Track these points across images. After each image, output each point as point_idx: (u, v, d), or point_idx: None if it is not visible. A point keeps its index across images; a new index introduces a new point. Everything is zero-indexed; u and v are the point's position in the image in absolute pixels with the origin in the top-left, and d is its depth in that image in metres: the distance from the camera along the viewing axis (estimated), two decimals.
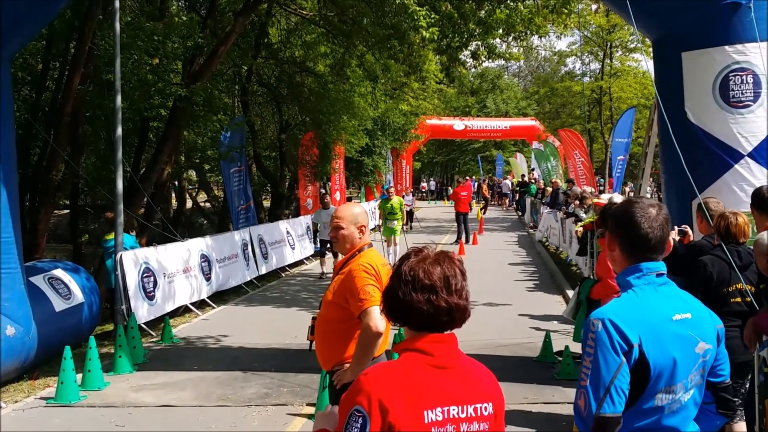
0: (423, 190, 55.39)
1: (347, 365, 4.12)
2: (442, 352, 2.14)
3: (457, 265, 2.23)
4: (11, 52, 8.16)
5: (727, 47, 7.39)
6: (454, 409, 2.07)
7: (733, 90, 7.34)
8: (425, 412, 2.03)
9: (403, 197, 26.95)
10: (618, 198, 11.45)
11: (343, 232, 4.28)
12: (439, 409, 2.05)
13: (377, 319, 3.92)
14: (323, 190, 25.69)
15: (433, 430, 2.04)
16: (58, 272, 9.28)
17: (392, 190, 18.57)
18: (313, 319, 4.47)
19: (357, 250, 4.23)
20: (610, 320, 2.42)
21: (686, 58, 7.62)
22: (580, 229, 13.41)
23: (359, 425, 1.99)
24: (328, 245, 14.85)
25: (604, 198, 12.89)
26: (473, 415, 2.09)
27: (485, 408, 2.11)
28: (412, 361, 2.11)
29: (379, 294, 3.96)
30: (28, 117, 12.26)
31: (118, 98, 9.89)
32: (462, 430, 2.07)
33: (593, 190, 14.73)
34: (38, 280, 8.75)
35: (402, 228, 17.48)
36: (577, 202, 13.26)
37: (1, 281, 7.64)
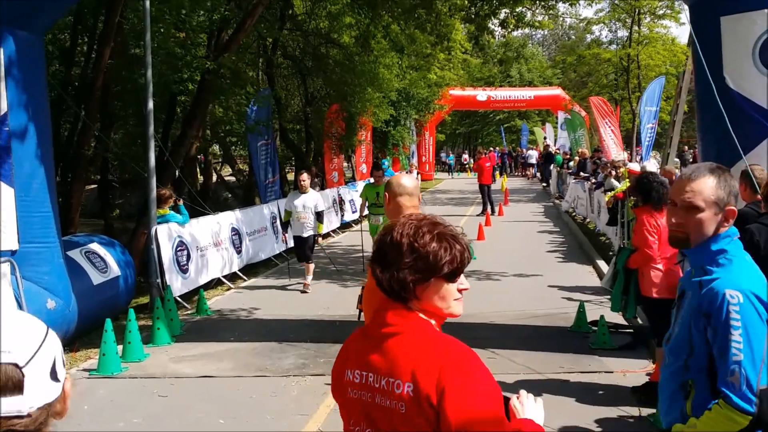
0: (465, 162, 53.20)
1: None
2: (376, 320, 2.09)
3: (405, 234, 2.00)
4: (44, 26, 8.19)
5: (767, 11, 7.23)
6: (371, 377, 2.02)
7: None
8: (346, 371, 2.09)
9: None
10: (651, 166, 11.37)
11: (385, 201, 4.38)
12: (357, 371, 2.05)
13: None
14: (346, 163, 25.62)
15: (349, 389, 2.07)
16: (95, 246, 9.39)
17: (384, 168, 14.17)
18: (362, 288, 4.52)
19: None
20: (751, 291, 2.44)
21: (725, 22, 7.45)
22: (611, 198, 13.33)
23: None
24: (308, 242, 11.46)
25: (632, 166, 12.79)
26: (385, 388, 1.98)
27: (398, 385, 1.94)
28: (365, 325, 2.22)
29: None
30: (60, 91, 12.33)
31: (149, 72, 9.91)
32: (376, 401, 2.00)
33: (626, 156, 14.51)
34: (75, 254, 8.87)
35: None
36: (612, 172, 13.12)
37: (41, 255, 7.75)
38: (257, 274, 13.05)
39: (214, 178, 28.78)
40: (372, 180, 13.72)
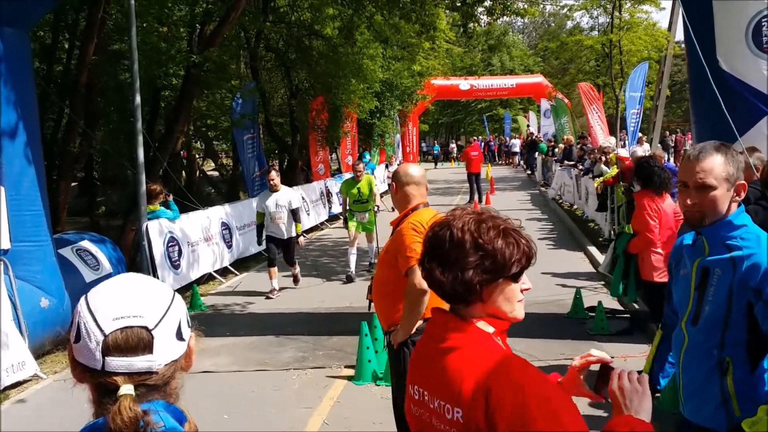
0: (452, 150, 52.59)
1: (399, 325, 4.15)
2: (430, 333, 1.89)
3: (467, 230, 1.80)
4: (32, 23, 8.05)
5: None
6: (426, 396, 1.83)
7: (766, 36, 7.21)
8: (410, 386, 1.92)
9: (386, 167, 25.28)
10: (641, 151, 11.38)
11: (392, 191, 4.43)
12: (417, 387, 1.87)
13: (421, 277, 3.92)
14: (333, 155, 25.49)
15: (412, 406, 1.90)
16: (86, 244, 9.28)
17: (366, 162, 12.86)
18: (372, 279, 4.53)
19: (411, 209, 4.27)
20: None
21: (717, 5, 7.47)
22: (600, 184, 13.37)
23: None
24: (289, 246, 10.74)
25: (621, 152, 12.83)
26: (438, 411, 1.78)
27: (448, 409, 1.74)
28: (422, 337, 1.99)
29: None
30: (45, 88, 12.15)
31: (135, 66, 9.77)
32: (433, 422, 1.80)
33: (614, 141, 14.51)
34: (67, 252, 8.75)
35: (375, 214, 12.09)
36: (603, 157, 13.15)
37: (33, 254, 7.64)
38: (249, 269, 12.96)
39: (197, 173, 28.59)
40: (351, 174, 12.38)
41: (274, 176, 10.77)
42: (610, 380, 1.90)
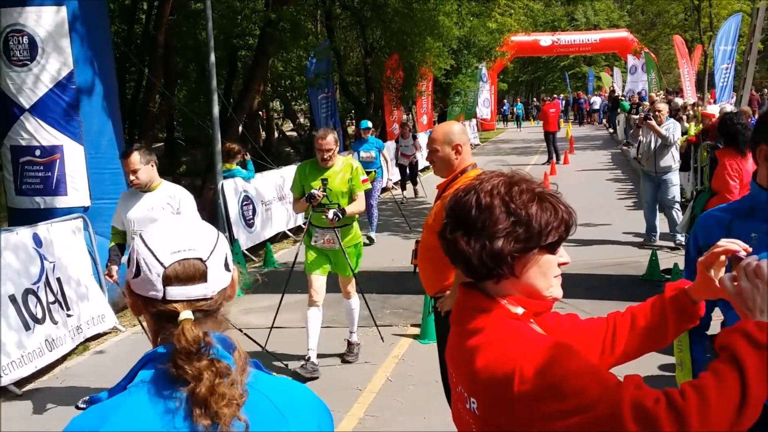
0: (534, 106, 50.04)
1: (449, 293, 4.02)
2: (457, 314, 1.72)
3: (496, 194, 1.61)
4: None
5: None
6: (454, 378, 1.68)
7: None
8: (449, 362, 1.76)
9: (397, 143, 15.98)
10: (729, 108, 10.86)
11: (438, 154, 4.06)
12: (449, 366, 1.72)
13: (443, 251, 3.75)
14: (406, 115, 25.30)
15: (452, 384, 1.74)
16: None
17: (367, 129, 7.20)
18: (417, 242, 4.35)
19: (459, 172, 4.02)
20: None
21: None
22: (683, 142, 12.84)
23: None
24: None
25: (710, 109, 12.27)
26: (461, 395, 1.63)
27: (465, 398, 1.59)
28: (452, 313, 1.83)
29: None
30: (124, 49, 12.48)
31: (210, 25, 9.89)
32: (458, 407, 1.66)
33: (695, 100, 13.91)
34: None
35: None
36: (691, 112, 12.61)
37: (113, 211, 7.90)
38: None
39: (276, 133, 28.98)
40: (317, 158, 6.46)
41: (136, 162, 5.34)
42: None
